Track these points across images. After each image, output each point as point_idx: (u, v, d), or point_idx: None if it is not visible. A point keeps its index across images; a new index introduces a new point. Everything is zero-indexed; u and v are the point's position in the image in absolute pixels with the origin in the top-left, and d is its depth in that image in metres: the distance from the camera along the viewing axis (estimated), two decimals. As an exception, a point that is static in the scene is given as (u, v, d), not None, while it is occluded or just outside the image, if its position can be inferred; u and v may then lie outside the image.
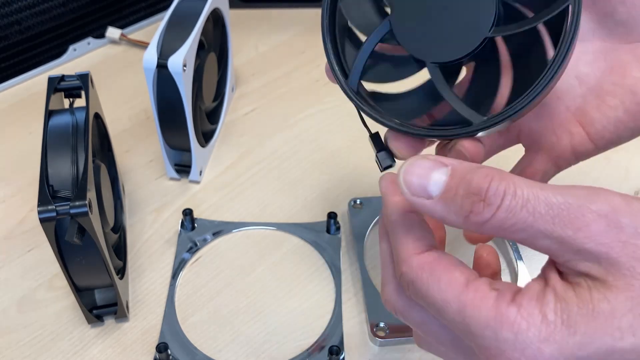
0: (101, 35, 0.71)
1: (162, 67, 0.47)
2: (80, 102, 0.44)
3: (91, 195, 0.37)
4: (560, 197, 0.24)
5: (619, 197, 0.24)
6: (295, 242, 0.50)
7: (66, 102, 0.45)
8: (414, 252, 0.28)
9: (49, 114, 0.42)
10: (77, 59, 0.70)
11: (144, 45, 0.71)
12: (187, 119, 0.49)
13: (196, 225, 0.51)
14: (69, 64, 0.69)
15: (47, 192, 0.37)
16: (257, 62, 0.69)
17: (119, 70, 0.68)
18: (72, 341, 0.44)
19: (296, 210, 0.53)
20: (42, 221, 0.36)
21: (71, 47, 0.69)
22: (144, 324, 0.45)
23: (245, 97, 0.65)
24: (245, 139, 0.60)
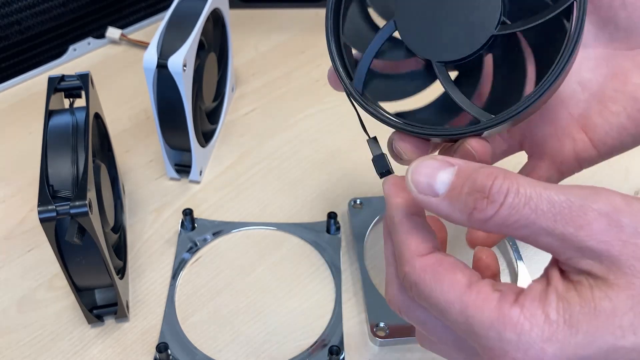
0: (101, 35, 0.71)
1: (162, 67, 0.47)
2: (80, 102, 0.44)
3: (91, 195, 0.37)
4: (562, 196, 0.24)
5: (619, 197, 0.24)
6: (295, 242, 0.50)
7: (66, 102, 0.45)
8: (417, 254, 0.28)
9: (49, 114, 0.42)
10: (77, 59, 0.70)
11: (144, 45, 0.71)
12: (187, 119, 0.49)
13: (196, 225, 0.51)
14: (69, 64, 0.69)
15: (47, 192, 0.37)
16: (257, 62, 0.69)
17: (119, 70, 0.68)
18: (72, 341, 0.44)
19: (296, 210, 0.53)
20: (42, 221, 0.36)
21: (71, 47, 0.69)
22: (144, 324, 0.45)
23: (245, 97, 0.65)
24: (245, 139, 0.60)
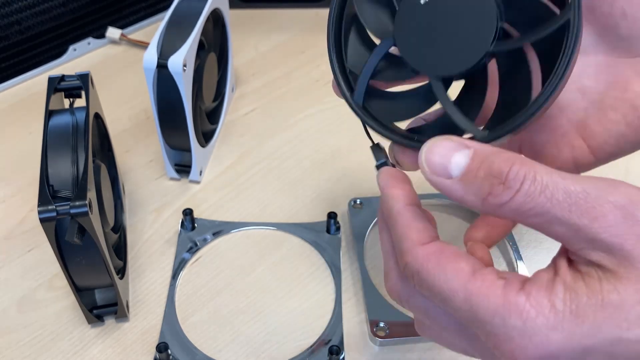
0: (101, 35, 0.71)
1: (162, 67, 0.47)
2: (80, 102, 0.44)
3: (91, 195, 0.37)
4: (579, 186, 0.24)
5: (637, 190, 0.24)
6: (295, 242, 0.50)
7: (66, 102, 0.45)
8: (418, 243, 0.28)
9: (49, 114, 0.42)
10: (77, 59, 0.70)
11: (144, 45, 0.71)
12: (187, 119, 0.49)
13: (196, 225, 0.51)
14: (69, 64, 0.69)
15: (47, 192, 0.37)
16: (257, 62, 0.69)
17: (119, 70, 0.68)
18: (72, 341, 0.44)
19: (296, 210, 0.53)
20: (42, 221, 0.36)
21: (71, 47, 0.69)
22: (144, 324, 0.45)
23: (245, 97, 0.65)
24: (245, 139, 0.60)
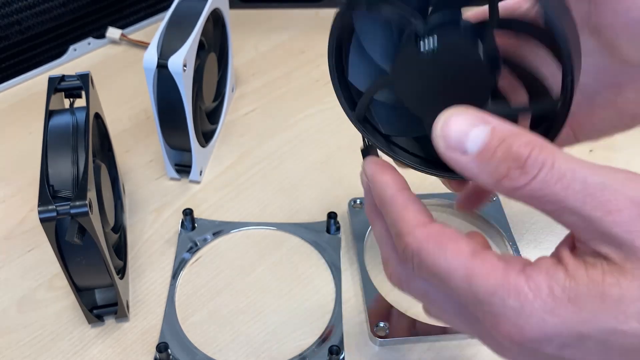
0: (101, 35, 0.71)
1: (162, 67, 0.47)
2: (80, 102, 0.44)
3: (91, 195, 0.38)
4: (597, 178, 0.23)
5: None
6: (295, 242, 0.50)
7: (66, 102, 0.45)
8: (417, 225, 0.27)
9: (49, 114, 0.42)
10: (77, 59, 0.70)
11: (144, 45, 0.71)
12: (187, 119, 0.49)
13: (196, 225, 0.51)
14: (69, 64, 0.69)
15: (48, 192, 0.37)
16: (257, 62, 0.69)
17: (119, 70, 0.68)
18: (72, 341, 0.44)
19: (296, 210, 0.53)
20: (42, 221, 0.36)
21: (71, 47, 0.69)
22: (144, 324, 0.45)
23: (245, 97, 0.65)
24: (245, 139, 0.60)
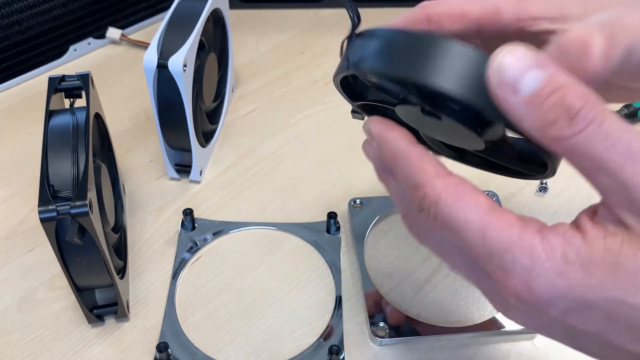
0: (102, 35, 0.71)
1: (162, 67, 0.47)
2: (80, 102, 0.44)
3: (92, 195, 0.38)
4: None
5: None
6: (295, 242, 0.51)
7: (67, 102, 0.45)
8: (437, 175, 0.27)
9: (50, 114, 0.42)
10: (77, 59, 0.70)
11: (144, 45, 0.71)
12: (188, 119, 0.50)
13: (196, 225, 0.51)
14: (69, 64, 0.69)
15: (48, 192, 0.37)
16: (257, 62, 0.70)
17: (119, 70, 0.68)
18: (73, 341, 0.44)
19: (296, 210, 0.53)
20: (42, 221, 0.36)
21: (72, 48, 0.69)
22: (144, 324, 0.45)
23: (245, 97, 0.65)
24: (245, 139, 0.60)
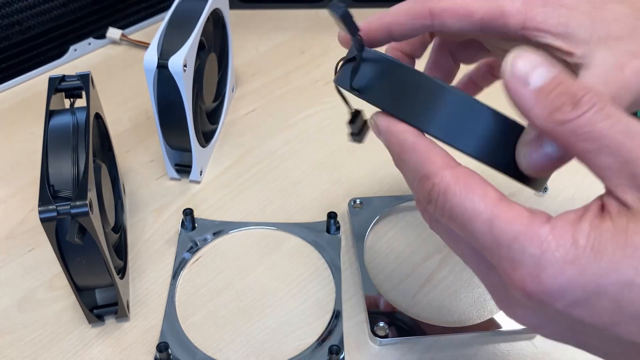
0: (102, 35, 0.71)
1: (162, 67, 0.47)
2: (80, 102, 0.44)
3: (92, 195, 0.38)
4: None
5: None
6: (295, 242, 0.51)
7: (67, 102, 0.45)
8: (446, 166, 0.28)
9: (50, 114, 0.42)
10: (77, 59, 0.70)
11: (144, 45, 0.71)
12: (188, 119, 0.50)
13: (196, 225, 0.51)
14: (69, 64, 0.69)
15: (48, 192, 0.37)
16: (257, 62, 0.70)
17: (119, 70, 0.68)
18: (73, 341, 0.44)
19: (296, 210, 0.53)
20: (42, 221, 0.36)
21: (72, 48, 0.69)
22: (144, 324, 0.45)
23: (245, 97, 0.65)
24: (245, 139, 0.60)
